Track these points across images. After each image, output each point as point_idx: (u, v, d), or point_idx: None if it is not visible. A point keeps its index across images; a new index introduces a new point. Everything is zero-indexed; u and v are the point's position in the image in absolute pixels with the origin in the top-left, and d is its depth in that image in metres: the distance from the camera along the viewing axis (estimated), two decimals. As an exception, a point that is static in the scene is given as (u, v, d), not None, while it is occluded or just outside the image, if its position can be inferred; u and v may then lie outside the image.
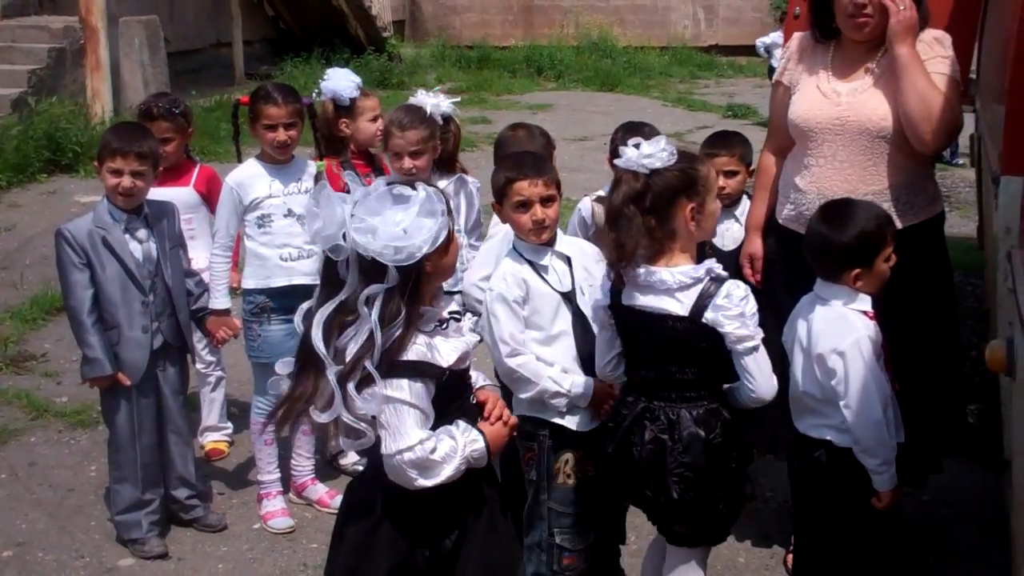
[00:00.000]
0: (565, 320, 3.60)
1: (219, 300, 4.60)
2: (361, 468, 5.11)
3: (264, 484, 4.80)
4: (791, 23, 5.26)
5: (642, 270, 3.21)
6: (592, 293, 3.52)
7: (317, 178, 4.67)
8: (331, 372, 2.75)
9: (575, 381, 3.56)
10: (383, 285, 2.76)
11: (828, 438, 3.49)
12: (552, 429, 3.62)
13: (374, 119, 5.03)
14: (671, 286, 3.18)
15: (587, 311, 3.56)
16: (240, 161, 4.91)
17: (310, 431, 4.83)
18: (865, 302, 3.48)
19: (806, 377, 3.52)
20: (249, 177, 4.62)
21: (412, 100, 4.74)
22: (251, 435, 4.89)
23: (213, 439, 5.36)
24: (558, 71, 19.03)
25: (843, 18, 3.94)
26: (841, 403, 3.39)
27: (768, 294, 4.32)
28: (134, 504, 4.45)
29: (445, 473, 2.83)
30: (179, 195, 5.00)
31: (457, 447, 2.85)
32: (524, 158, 3.79)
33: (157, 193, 4.83)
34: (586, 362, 3.59)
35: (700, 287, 3.17)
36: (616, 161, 3.26)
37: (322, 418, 2.77)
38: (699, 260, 3.29)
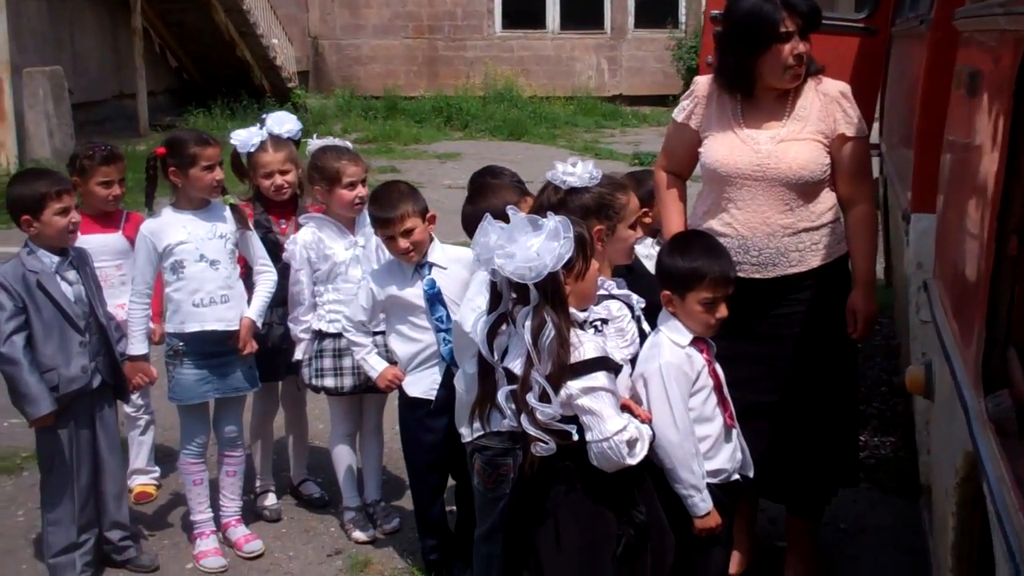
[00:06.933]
0: None
1: (136, 346, 4.61)
2: (278, 509, 5.15)
3: (197, 524, 4.78)
4: (704, 70, 5.37)
5: None
6: None
7: (234, 210, 4.73)
8: (501, 392, 3.16)
9: None
10: (530, 305, 3.09)
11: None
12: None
13: (268, 175, 4.97)
14: None
15: None
16: (152, 213, 4.85)
17: (234, 473, 4.88)
18: (679, 331, 3.55)
19: None
20: (163, 225, 4.62)
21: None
22: (181, 476, 4.89)
23: (141, 482, 5.33)
24: (465, 120, 19.20)
25: (779, 72, 3.97)
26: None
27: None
28: (69, 546, 4.41)
29: (641, 453, 3.18)
30: (109, 241, 5.00)
31: (642, 434, 3.19)
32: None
33: (88, 240, 4.79)
34: None
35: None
36: (546, 173, 3.59)
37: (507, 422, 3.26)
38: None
